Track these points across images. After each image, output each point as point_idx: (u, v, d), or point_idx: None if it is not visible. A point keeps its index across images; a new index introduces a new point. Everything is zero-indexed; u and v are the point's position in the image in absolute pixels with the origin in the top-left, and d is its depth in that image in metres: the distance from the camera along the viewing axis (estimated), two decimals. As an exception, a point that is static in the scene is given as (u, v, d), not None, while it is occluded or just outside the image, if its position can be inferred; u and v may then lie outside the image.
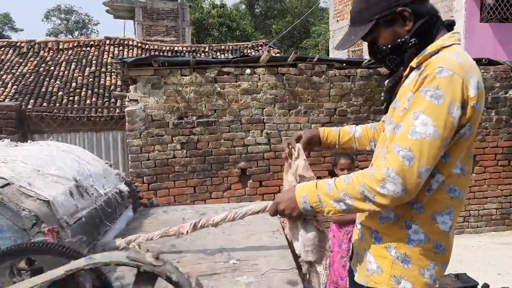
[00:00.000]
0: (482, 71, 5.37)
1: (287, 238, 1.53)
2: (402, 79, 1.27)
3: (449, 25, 1.29)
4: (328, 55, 24.02)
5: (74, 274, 0.95)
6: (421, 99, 1.13)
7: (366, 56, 10.78)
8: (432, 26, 1.24)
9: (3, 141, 1.64)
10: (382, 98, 1.38)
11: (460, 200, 1.28)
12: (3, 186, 1.19)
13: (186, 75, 4.94)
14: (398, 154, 1.12)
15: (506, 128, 5.48)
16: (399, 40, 1.24)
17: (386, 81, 1.35)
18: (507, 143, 5.50)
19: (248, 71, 5.06)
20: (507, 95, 5.45)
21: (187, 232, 1.48)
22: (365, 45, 9.01)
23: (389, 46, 1.26)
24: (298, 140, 1.57)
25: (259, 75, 5.09)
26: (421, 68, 1.19)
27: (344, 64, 5.23)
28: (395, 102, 1.29)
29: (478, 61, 5.34)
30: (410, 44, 1.23)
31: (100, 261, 0.92)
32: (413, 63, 1.23)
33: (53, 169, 1.44)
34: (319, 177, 1.46)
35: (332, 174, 5.35)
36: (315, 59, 5.12)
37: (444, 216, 1.26)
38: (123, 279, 1.26)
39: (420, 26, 1.22)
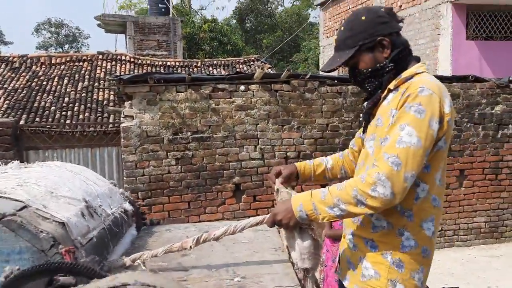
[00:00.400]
0: (469, 88, 5.56)
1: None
2: (381, 101, 1.43)
3: (417, 59, 1.48)
4: (317, 69, 24.38)
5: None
6: (406, 114, 1.29)
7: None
8: (406, 56, 1.43)
9: (12, 162, 1.68)
10: (360, 118, 1.55)
11: (439, 209, 1.44)
12: (21, 209, 1.24)
13: (181, 92, 5.02)
14: (388, 160, 1.27)
15: (493, 143, 5.65)
16: (378, 65, 1.41)
17: (365, 103, 1.51)
18: (494, 157, 5.67)
19: (242, 87, 5.17)
20: (493, 111, 5.64)
21: (190, 247, 1.54)
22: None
23: (369, 69, 1.42)
24: (277, 175, 1.69)
25: (253, 92, 5.20)
26: (398, 90, 1.37)
27: (336, 81, 5.37)
28: (376, 120, 1.44)
29: (465, 78, 5.54)
30: (387, 68, 1.40)
31: (127, 282, 0.98)
32: (391, 86, 1.40)
33: (64, 191, 1.49)
34: None
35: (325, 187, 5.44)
36: (308, 76, 5.25)
37: (428, 223, 1.40)
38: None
39: (397, 54, 1.40)
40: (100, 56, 11.12)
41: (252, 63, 11.95)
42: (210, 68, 11.61)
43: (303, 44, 26.64)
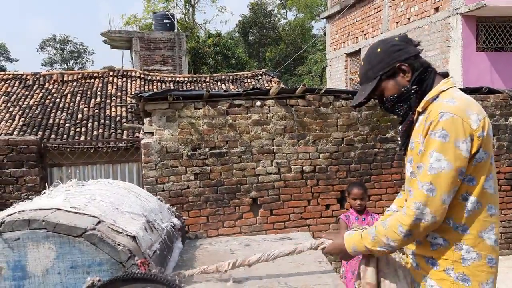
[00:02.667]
0: (483, 100, 5.66)
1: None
2: (414, 123, 1.52)
3: (443, 75, 1.55)
4: (321, 81, 24.58)
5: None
6: (432, 141, 1.38)
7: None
8: (428, 75, 1.50)
9: (71, 181, 1.78)
10: (398, 143, 1.66)
11: (497, 216, 1.49)
12: (97, 224, 1.34)
13: (199, 108, 5.14)
14: (422, 188, 1.38)
15: (508, 154, 5.73)
16: (402, 89, 1.50)
17: (399, 127, 1.61)
18: (509, 168, 5.74)
19: (258, 103, 5.28)
20: (507, 122, 5.73)
21: (225, 271, 1.62)
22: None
23: (395, 95, 1.52)
24: None
25: (269, 107, 5.32)
26: (425, 112, 1.46)
27: (351, 95, 5.48)
28: (411, 143, 1.53)
29: (478, 90, 5.64)
30: (412, 91, 1.48)
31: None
32: (419, 108, 1.49)
33: (126, 207, 1.59)
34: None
35: (341, 202, 5.51)
36: (323, 91, 5.37)
37: (489, 232, 1.46)
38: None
39: (418, 75, 1.49)
40: (111, 73, 11.32)
41: (260, 77, 12.12)
42: (219, 83, 11.79)
43: (308, 58, 26.91)
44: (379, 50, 1.52)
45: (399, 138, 1.64)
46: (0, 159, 4.54)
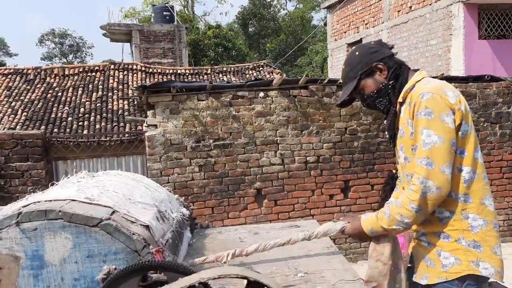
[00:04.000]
0: (485, 87, 5.65)
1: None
2: (398, 114, 1.64)
3: (415, 71, 1.68)
4: (322, 72, 24.48)
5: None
6: (420, 120, 1.50)
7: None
8: (402, 71, 1.65)
9: (81, 172, 1.81)
10: (387, 135, 1.77)
11: (488, 185, 1.60)
12: (112, 214, 1.36)
13: (202, 100, 5.15)
14: (421, 163, 1.48)
15: (510, 142, 5.74)
16: (381, 85, 1.64)
17: (384, 121, 1.74)
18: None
19: (261, 94, 5.29)
20: (510, 110, 5.73)
21: (224, 262, 1.64)
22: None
23: (375, 91, 1.65)
24: None
25: (272, 98, 5.32)
26: (406, 102, 1.58)
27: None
28: (400, 132, 1.65)
29: (481, 78, 5.63)
30: (389, 85, 1.63)
31: (222, 273, 1.10)
32: (400, 99, 1.62)
33: (138, 197, 1.62)
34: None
35: (345, 191, 5.54)
36: (326, 81, 5.37)
37: (489, 199, 1.56)
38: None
39: (393, 71, 1.64)
40: (112, 66, 11.31)
41: (261, 68, 12.09)
42: (220, 75, 11.77)
43: (309, 48, 26.78)
44: (357, 53, 1.68)
45: (386, 133, 1.75)
46: (5, 153, 4.57)
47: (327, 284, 1.48)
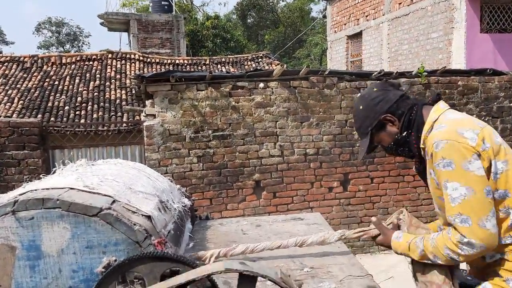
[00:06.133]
0: (487, 81, 5.61)
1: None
2: (425, 159, 1.48)
3: (434, 101, 1.52)
4: (321, 64, 24.34)
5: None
6: (440, 173, 1.35)
7: (365, 67, 11.05)
8: (415, 114, 1.48)
9: (80, 160, 1.75)
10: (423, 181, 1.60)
11: None
12: (112, 203, 1.31)
13: (202, 90, 5.08)
14: (455, 222, 1.31)
15: (511, 136, 5.71)
16: (396, 136, 1.51)
17: (414, 168, 1.61)
18: None
19: (261, 85, 5.22)
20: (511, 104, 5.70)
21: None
22: (364, 56, 9.15)
23: (392, 143, 1.53)
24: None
25: (272, 89, 5.25)
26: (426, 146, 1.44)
27: (354, 77, 5.42)
28: (428, 174, 1.48)
29: (483, 72, 5.58)
30: (405, 135, 1.49)
31: (229, 267, 1.05)
32: (421, 145, 1.47)
33: (139, 186, 1.56)
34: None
35: (344, 184, 5.50)
36: (326, 72, 5.30)
37: None
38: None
39: (405, 120, 1.48)
40: (110, 55, 11.16)
41: (260, 59, 11.98)
42: (219, 66, 11.65)
43: (308, 40, 26.60)
44: (361, 107, 1.54)
45: (421, 178, 1.61)
46: (1, 142, 4.49)
47: (335, 280, 1.43)
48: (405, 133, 1.48)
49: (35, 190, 1.32)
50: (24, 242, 1.23)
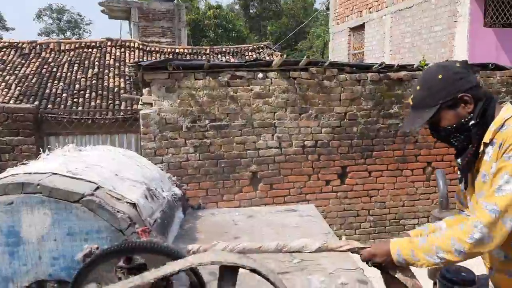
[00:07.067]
0: (489, 76, 5.54)
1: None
2: (480, 155, 1.42)
3: (500, 103, 1.48)
4: (323, 57, 24.19)
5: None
6: (505, 163, 1.30)
7: (366, 59, 10.95)
8: (489, 105, 1.41)
9: (68, 145, 1.70)
10: (459, 175, 1.52)
11: None
12: (95, 190, 1.27)
13: (199, 79, 5.01)
14: (486, 208, 1.30)
15: (511, 133, 5.65)
16: (462, 120, 1.40)
17: (459, 160, 1.49)
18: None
19: (260, 75, 5.15)
20: (514, 99, 5.64)
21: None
22: (366, 48, 9.05)
23: (454, 126, 1.42)
24: None
25: (271, 79, 5.19)
26: (494, 143, 1.36)
27: (355, 69, 5.35)
28: (482, 176, 1.42)
29: (485, 66, 5.51)
30: (474, 122, 1.39)
31: (214, 260, 1.01)
32: (485, 139, 1.38)
33: (127, 173, 1.52)
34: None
35: (342, 177, 5.46)
36: (327, 64, 5.23)
37: None
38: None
39: (481, 107, 1.39)
40: (109, 43, 11.07)
41: (261, 50, 11.89)
42: (219, 56, 11.56)
43: (311, 31, 26.40)
44: (440, 76, 1.41)
45: (459, 172, 1.52)
46: (-5, 127, 4.44)
47: (324, 273, 1.40)
48: (474, 120, 1.39)
49: (17, 174, 1.28)
50: (2, 227, 1.19)
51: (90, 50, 10.62)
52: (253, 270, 1.03)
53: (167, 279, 1.15)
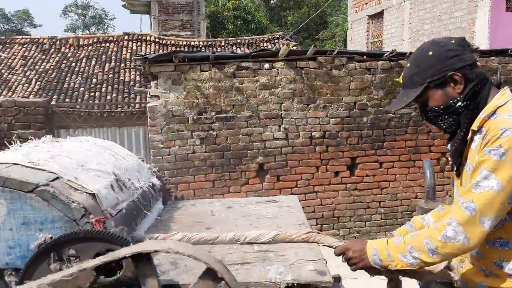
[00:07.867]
0: (507, 62, 5.29)
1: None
2: (468, 143, 1.32)
3: (497, 86, 1.34)
4: (345, 46, 23.76)
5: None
6: (485, 158, 1.20)
7: (385, 47, 10.68)
8: (482, 88, 1.29)
9: (45, 137, 1.73)
10: (451, 162, 1.43)
11: None
12: (53, 180, 1.28)
13: (205, 71, 5.01)
14: (462, 205, 1.23)
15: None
16: (451, 101, 1.31)
17: (448, 145, 1.40)
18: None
19: (266, 65, 5.10)
20: (531, 87, 5.36)
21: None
22: (384, 36, 8.81)
23: (441, 107, 1.32)
24: None
25: (277, 70, 5.13)
26: (482, 131, 1.26)
27: (365, 57, 5.22)
28: (467, 165, 1.33)
29: (504, 52, 5.27)
30: (462, 104, 1.29)
31: (165, 248, 1.01)
32: (474, 127, 1.29)
33: (94, 164, 1.53)
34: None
35: (351, 169, 5.37)
36: (335, 52, 5.13)
37: None
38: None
39: (471, 88, 1.28)
40: (126, 37, 11.23)
41: (276, 40, 11.78)
42: (234, 47, 11.54)
43: (330, 20, 25.92)
44: (430, 53, 1.32)
45: (449, 158, 1.46)
46: (8, 121, 4.59)
47: (285, 264, 1.37)
48: (464, 102, 1.29)
49: (-21, 165, 1.31)
50: (-39, 217, 1.23)
51: (107, 44, 10.82)
52: (190, 256, 1.03)
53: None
